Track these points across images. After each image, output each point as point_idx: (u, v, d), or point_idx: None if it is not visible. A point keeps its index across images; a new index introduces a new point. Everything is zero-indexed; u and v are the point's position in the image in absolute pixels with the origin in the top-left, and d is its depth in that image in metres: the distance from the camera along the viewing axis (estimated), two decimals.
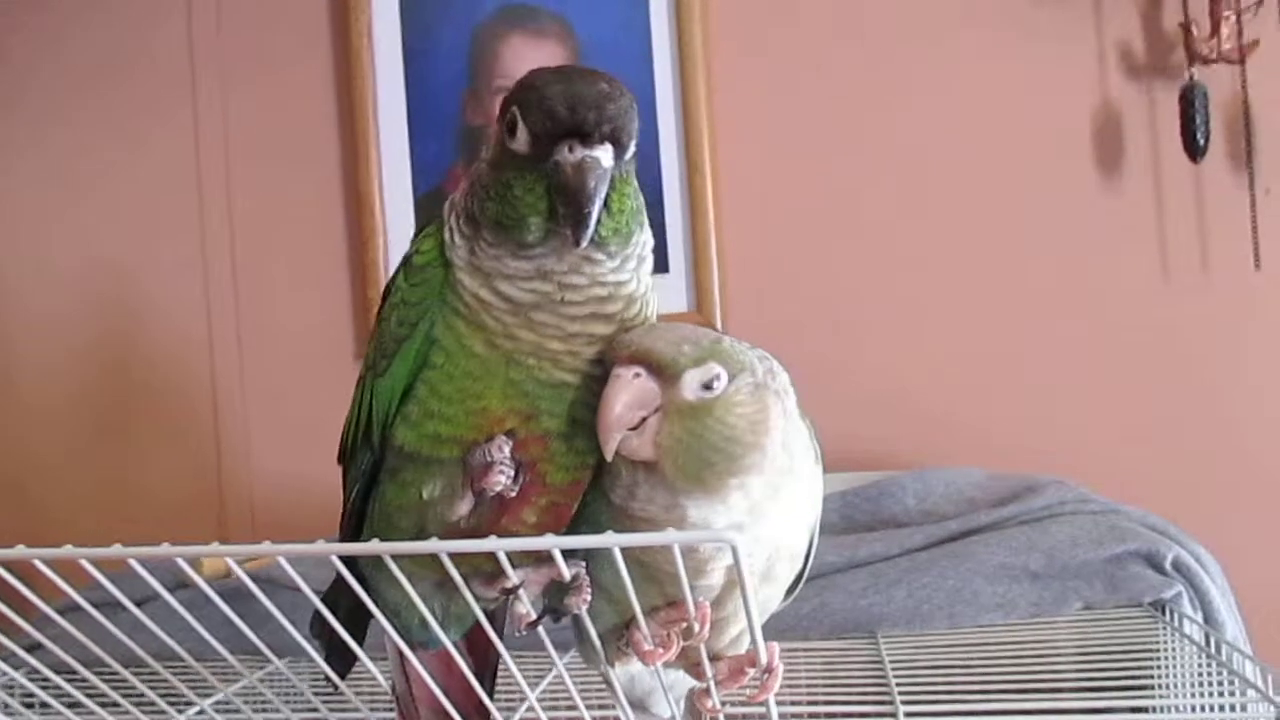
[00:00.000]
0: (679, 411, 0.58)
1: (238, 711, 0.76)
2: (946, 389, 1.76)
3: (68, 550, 0.54)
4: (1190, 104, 1.61)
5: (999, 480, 1.42)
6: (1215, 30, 1.61)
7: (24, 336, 2.06)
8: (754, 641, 0.55)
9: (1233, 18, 1.60)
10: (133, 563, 0.55)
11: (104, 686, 0.70)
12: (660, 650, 0.60)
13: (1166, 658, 1.12)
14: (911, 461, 1.63)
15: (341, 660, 0.68)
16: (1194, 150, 1.62)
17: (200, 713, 0.78)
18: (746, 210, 1.83)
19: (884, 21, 1.80)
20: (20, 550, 0.55)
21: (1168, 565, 1.20)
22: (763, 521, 0.60)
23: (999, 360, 1.76)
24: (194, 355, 2.01)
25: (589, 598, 0.59)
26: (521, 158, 0.59)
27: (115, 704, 0.71)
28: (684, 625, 0.59)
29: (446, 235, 0.63)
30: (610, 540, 0.50)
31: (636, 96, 0.61)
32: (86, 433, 2.03)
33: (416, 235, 0.67)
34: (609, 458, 0.58)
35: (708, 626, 0.59)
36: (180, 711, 0.75)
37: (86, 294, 2.05)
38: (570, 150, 0.58)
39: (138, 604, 0.64)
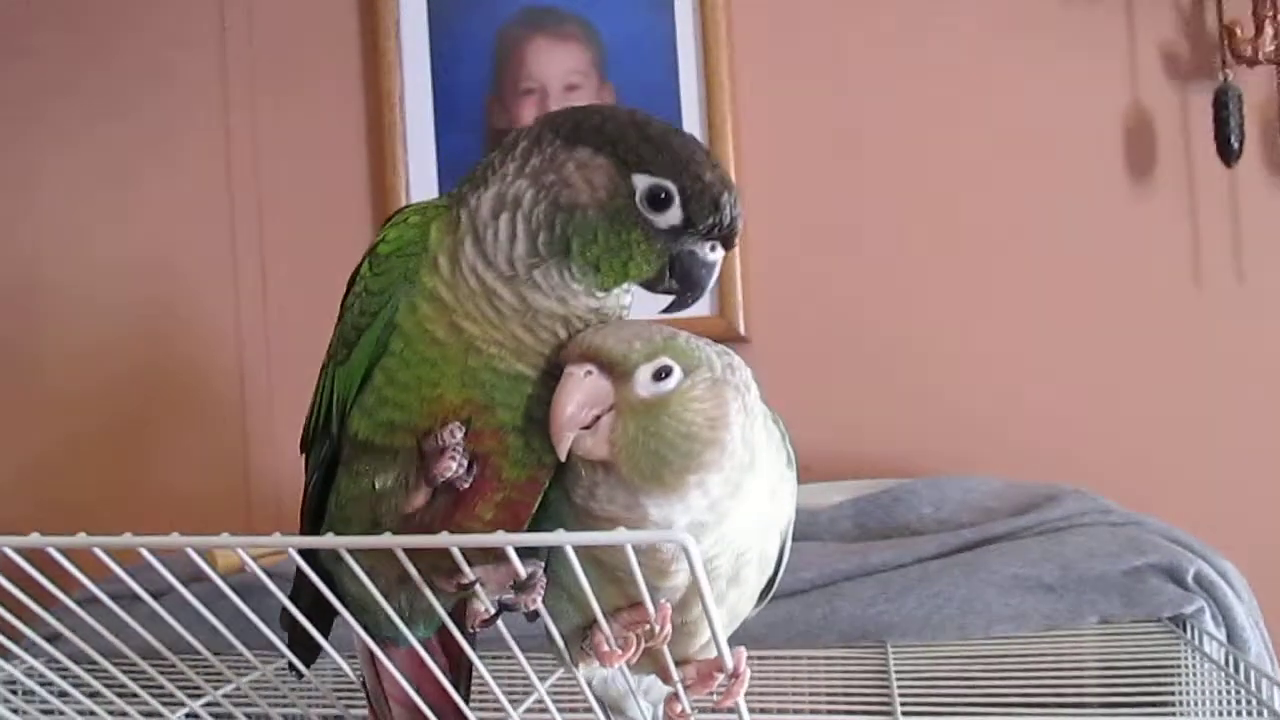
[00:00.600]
0: (632, 409, 0.57)
1: (231, 709, 0.76)
2: (971, 395, 1.73)
3: (34, 539, 0.55)
4: (1224, 107, 1.57)
5: (1017, 489, 1.39)
6: (1259, 31, 1.57)
7: (57, 330, 2.10)
8: (717, 644, 0.54)
9: (1278, 18, 1.56)
10: (99, 552, 0.55)
11: (94, 682, 0.70)
12: (619, 652, 0.59)
13: (1186, 675, 1.08)
14: (931, 469, 1.61)
15: (306, 650, 0.69)
16: (1228, 154, 1.58)
17: (191, 714, 0.79)
18: (770, 213, 1.81)
19: (910, 23, 1.78)
20: None
21: (1189, 579, 1.17)
22: (725, 521, 0.59)
23: (1026, 367, 1.73)
24: (223, 351, 2.04)
25: (539, 598, 0.59)
26: (651, 226, 0.60)
27: (99, 694, 0.71)
28: (646, 627, 0.58)
29: (489, 236, 0.61)
30: (562, 539, 0.49)
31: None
32: (116, 426, 2.06)
33: (385, 223, 0.67)
34: (562, 457, 0.58)
35: (668, 628, 0.58)
36: (172, 711, 0.76)
37: (119, 290, 2.08)
38: (712, 249, 0.62)
39: (154, 596, 0.65)
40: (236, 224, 2.04)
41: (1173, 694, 1.06)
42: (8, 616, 0.65)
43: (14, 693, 0.84)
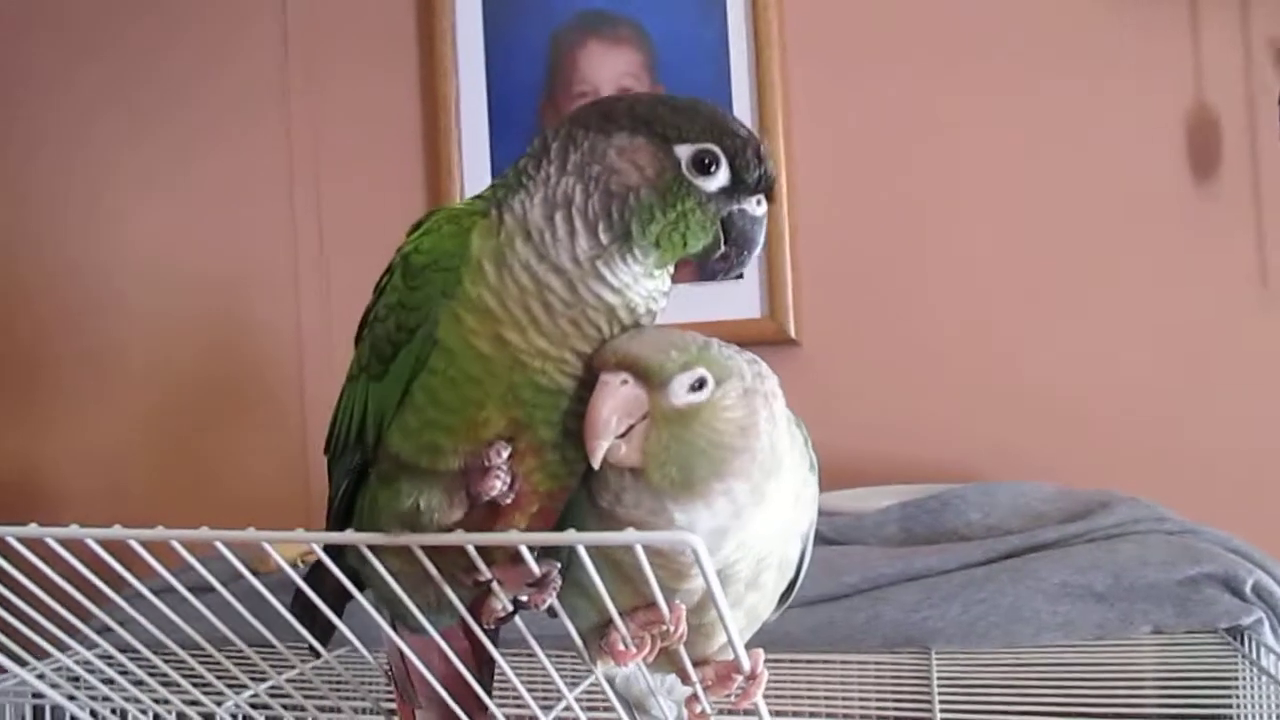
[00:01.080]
0: (666, 418, 0.58)
1: (281, 699, 0.78)
2: (1025, 400, 1.70)
3: (73, 530, 0.57)
4: None
5: (1070, 496, 1.36)
6: None
7: (128, 336, 2.18)
8: (732, 646, 0.54)
9: None
10: (135, 545, 0.57)
11: (148, 678, 0.73)
12: (633, 651, 0.59)
13: (1243, 689, 1.05)
14: (984, 474, 1.59)
15: (324, 633, 0.71)
16: None
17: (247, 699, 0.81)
18: (821, 215, 1.80)
19: (966, 20, 1.76)
20: (33, 529, 0.58)
21: (1247, 590, 1.14)
22: (748, 526, 0.60)
23: (1085, 371, 1.69)
24: (285, 356, 2.09)
25: (549, 597, 0.59)
26: (701, 193, 0.62)
27: (146, 684, 0.74)
28: (661, 627, 0.59)
29: (548, 238, 0.61)
30: (573, 539, 0.50)
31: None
32: (182, 430, 2.13)
33: (415, 229, 0.66)
34: (596, 466, 0.58)
35: (683, 627, 0.59)
36: (218, 704, 0.78)
37: (187, 298, 2.15)
38: (758, 204, 0.64)
39: (201, 592, 0.67)
40: (298, 232, 2.09)
41: (1229, 708, 1.04)
42: (60, 610, 0.67)
43: (73, 681, 0.87)
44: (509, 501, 0.61)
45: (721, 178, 0.62)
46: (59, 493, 2.18)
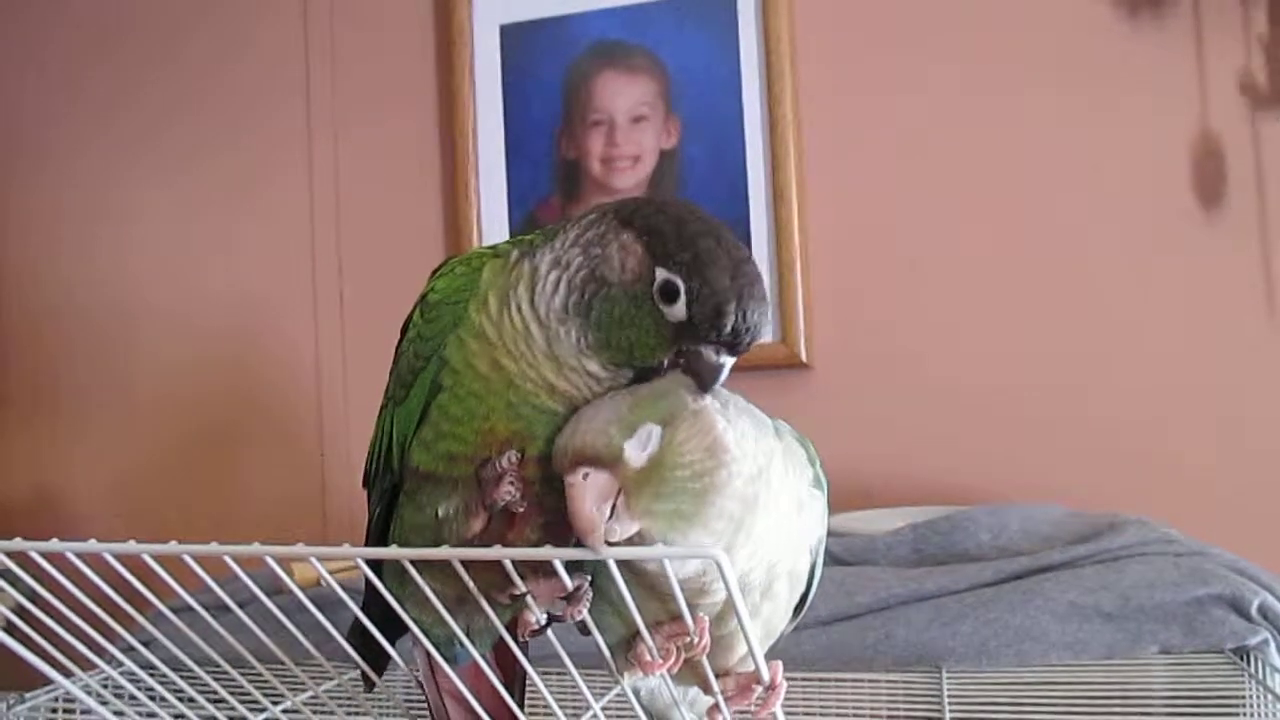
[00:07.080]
0: (637, 482, 0.60)
1: (310, 715, 0.81)
2: (1036, 424, 1.72)
3: (131, 545, 0.60)
4: None
5: (1079, 518, 1.39)
6: None
7: (151, 354, 2.22)
8: (753, 656, 0.57)
9: None
10: (188, 559, 0.60)
11: (187, 687, 0.76)
12: (660, 661, 0.62)
13: (1250, 708, 1.07)
14: (995, 496, 1.61)
15: (375, 661, 0.74)
16: None
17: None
18: (833, 240, 1.84)
19: (976, 52, 1.80)
20: (92, 544, 0.61)
21: (1253, 610, 1.16)
22: (752, 535, 0.62)
23: (1093, 396, 1.72)
24: (302, 375, 2.12)
25: (583, 610, 0.63)
26: (661, 316, 0.63)
27: (187, 696, 0.77)
28: (686, 639, 0.62)
29: (540, 286, 0.66)
30: (604, 553, 0.53)
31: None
32: (203, 446, 2.16)
33: (433, 275, 0.73)
34: (601, 556, 0.59)
35: (706, 639, 0.62)
36: (255, 715, 0.81)
37: (209, 318, 2.19)
38: (717, 354, 0.63)
39: (239, 606, 0.70)
40: (317, 255, 2.13)
41: None
42: (109, 620, 0.70)
43: (105, 687, 0.90)
44: (522, 509, 0.66)
45: (679, 313, 0.62)
46: (75, 519, 2.21)
